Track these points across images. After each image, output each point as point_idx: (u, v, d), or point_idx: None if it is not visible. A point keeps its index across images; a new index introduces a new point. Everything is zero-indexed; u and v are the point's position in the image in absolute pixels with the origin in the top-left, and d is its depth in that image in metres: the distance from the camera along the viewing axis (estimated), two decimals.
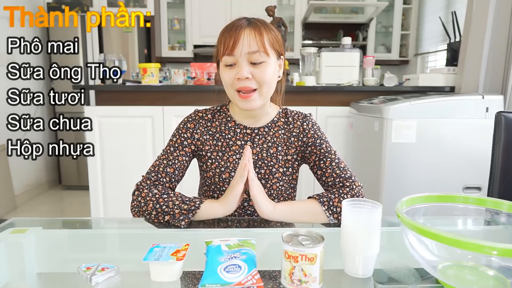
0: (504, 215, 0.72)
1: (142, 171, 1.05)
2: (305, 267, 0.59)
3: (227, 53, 0.91)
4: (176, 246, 0.69)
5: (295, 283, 0.60)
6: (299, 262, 0.59)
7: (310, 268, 0.59)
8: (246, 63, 0.91)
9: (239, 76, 0.91)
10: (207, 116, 1.04)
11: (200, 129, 1.02)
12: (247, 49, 0.90)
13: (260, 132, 1.02)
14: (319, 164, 0.99)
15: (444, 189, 1.90)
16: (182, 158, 1.00)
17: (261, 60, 0.92)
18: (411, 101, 1.90)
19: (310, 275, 0.60)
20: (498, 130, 1.16)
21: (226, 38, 0.91)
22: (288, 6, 4.33)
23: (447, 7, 3.58)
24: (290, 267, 0.60)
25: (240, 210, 1.01)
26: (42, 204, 3.46)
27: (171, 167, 0.98)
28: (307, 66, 2.63)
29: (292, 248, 0.60)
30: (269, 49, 0.93)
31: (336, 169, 0.98)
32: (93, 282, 0.63)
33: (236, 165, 1.00)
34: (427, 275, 0.67)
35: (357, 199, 0.70)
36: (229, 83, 0.94)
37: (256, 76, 0.92)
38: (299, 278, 0.60)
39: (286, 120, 1.05)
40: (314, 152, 1.01)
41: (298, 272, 0.60)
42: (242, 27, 0.92)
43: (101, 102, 2.44)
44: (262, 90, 0.94)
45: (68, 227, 1.04)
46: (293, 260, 0.60)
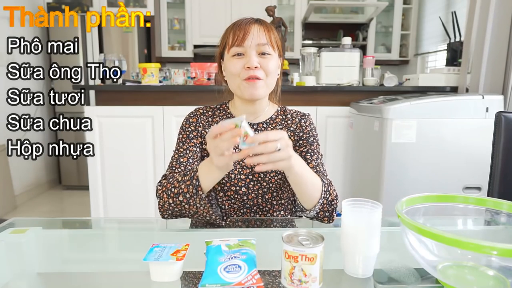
0: (504, 215, 0.72)
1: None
2: (305, 267, 0.59)
3: (236, 44, 0.95)
4: (176, 246, 0.69)
5: (295, 283, 0.60)
6: (299, 262, 0.59)
7: (310, 268, 0.59)
8: (255, 53, 0.95)
9: (249, 65, 0.94)
10: (207, 113, 1.08)
11: (202, 123, 1.05)
12: (257, 41, 0.95)
13: (259, 127, 1.05)
14: (305, 155, 1.02)
15: (444, 189, 1.90)
16: (192, 148, 1.02)
17: (269, 52, 0.97)
18: (411, 101, 1.90)
19: (310, 275, 0.60)
20: (498, 130, 1.16)
21: (236, 30, 0.96)
22: (288, 6, 4.33)
23: (447, 7, 3.58)
24: (290, 267, 0.60)
25: (240, 204, 1.02)
26: (42, 204, 3.46)
27: (183, 157, 1.00)
28: (307, 66, 2.63)
29: (292, 248, 0.60)
30: (274, 45, 0.99)
31: (319, 166, 1.01)
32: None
33: None
34: (427, 275, 0.67)
35: (357, 199, 0.69)
36: (236, 73, 0.96)
37: (263, 66, 0.96)
38: (299, 278, 0.60)
39: (285, 117, 1.08)
40: (304, 145, 1.04)
41: (298, 272, 0.60)
42: (251, 22, 0.97)
43: (101, 102, 2.44)
44: (267, 80, 0.98)
45: (68, 227, 1.04)
46: (293, 260, 0.60)
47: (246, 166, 1.01)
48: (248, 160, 0.73)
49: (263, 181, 1.00)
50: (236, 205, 1.02)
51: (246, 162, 0.74)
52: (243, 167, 1.01)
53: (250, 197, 1.01)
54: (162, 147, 2.40)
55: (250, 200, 1.02)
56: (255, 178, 1.01)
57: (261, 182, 1.01)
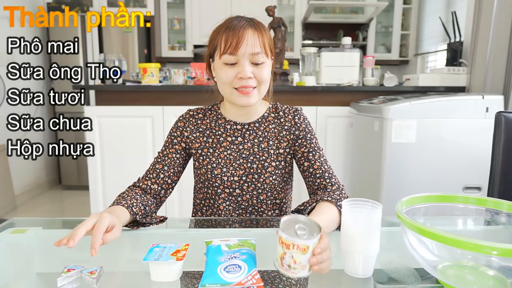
0: (504, 215, 0.72)
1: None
2: (296, 255, 0.60)
3: (229, 52, 0.91)
4: (176, 246, 0.69)
5: (285, 266, 0.61)
6: (290, 249, 0.60)
7: (300, 257, 0.60)
8: (248, 63, 0.93)
9: (242, 75, 0.92)
10: (198, 115, 1.07)
11: (190, 127, 1.05)
12: (251, 50, 0.92)
13: (251, 127, 1.04)
14: (307, 156, 1.01)
15: (444, 189, 1.90)
16: (172, 155, 1.03)
17: (262, 61, 0.94)
18: (411, 101, 1.90)
19: (300, 263, 0.61)
20: (498, 130, 1.16)
21: (229, 37, 0.91)
22: (288, 6, 4.32)
23: (447, 7, 3.57)
24: (282, 252, 0.61)
25: (235, 205, 1.02)
26: (42, 204, 3.46)
27: (160, 164, 1.02)
28: (307, 66, 2.63)
29: (286, 236, 0.60)
30: (268, 51, 0.96)
31: (324, 164, 1.00)
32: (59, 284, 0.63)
33: (227, 161, 1.01)
34: (427, 275, 0.67)
35: (357, 199, 0.70)
36: (228, 82, 0.94)
37: (257, 75, 0.94)
38: (289, 263, 0.61)
39: (277, 115, 1.06)
40: (304, 145, 1.03)
41: (289, 258, 0.61)
42: (245, 28, 0.92)
43: (101, 102, 2.44)
44: (260, 88, 0.96)
45: (68, 227, 1.04)
46: (285, 247, 0.61)
47: (240, 168, 1.00)
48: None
49: (257, 182, 1.00)
50: (231, 206, 1.02)
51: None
52: (236, 169, 1.00)
53: (245, 198, 1.01)
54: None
55: (245, 201, 1.02)
56: (249, 180, 1.00)
57: (255, 183, 1.00)
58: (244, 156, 1.01)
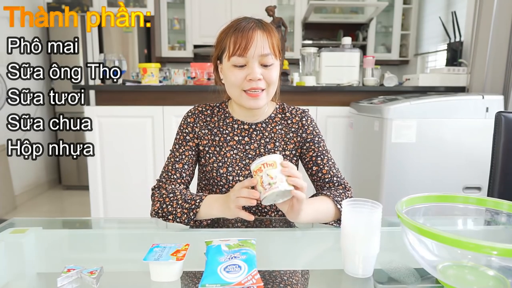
0: (504, 215, 0.72)
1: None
2: (269, 172, 0.70)
3: (238, 54, 0.91)
4: (176, 246, 0.69)
5: (266, 188, 0.70)
6: (263, 170, 0.71)
7: (273, 171, 0.70)
8: (257, 65, 0.92)
9: (252, 77, 0.92)
10: (206, 112, 1.06)
11: (199, 123, 1.04)
12: (260, 51, 0.91)
13: (258, 128, 1.04)
14: (316, 160, 1.01)
15: (444, 189, 1.90)
16: (188, 152, 1.02)
17: (271, 63, 0.94)
18: (411, 101, 1.90)
19: (276, 177, 0.70)
20: (498, 130, 1.16)
21: (238, 38, 0.91)
22: (288, 6, 4.32)
23: (447, 7, 3.57)
24: (259, 178, 0.71)
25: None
26: (42, 204, 3.46)
27: (179, 163, 1.00)
28: (307, 66, 2.63)
29: (255, 163, 0.71)
30: (276, 51, 0.96)
31: (333, 168, 1.01)
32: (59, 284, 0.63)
33: (233, 161, 1.01)
34: (427, 275, 0.67)
35: (357, 199, 0.70)
36: (237, 84, 0.94)
37: (266, 77, 0.94)
38: (268, 182, 0.70)
39: (284, 116, 1.06)
40: (312, 148, 1.03)
41: (265, 177, 0.70)
42: (254, 29, 0.92)
43: (101, 102, 2.44)
44: (269, 90, 0.96)
45: (68, 227, 1.04)
46: (259, 173, 0.71)
47: (245, 168, 1.00)
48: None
49: None
50: None
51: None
52: (242, 169, 1.00)
53: None
54: (162, 147, 2.40)
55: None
56: None
57: None
58: (250, 156, 1.01)
